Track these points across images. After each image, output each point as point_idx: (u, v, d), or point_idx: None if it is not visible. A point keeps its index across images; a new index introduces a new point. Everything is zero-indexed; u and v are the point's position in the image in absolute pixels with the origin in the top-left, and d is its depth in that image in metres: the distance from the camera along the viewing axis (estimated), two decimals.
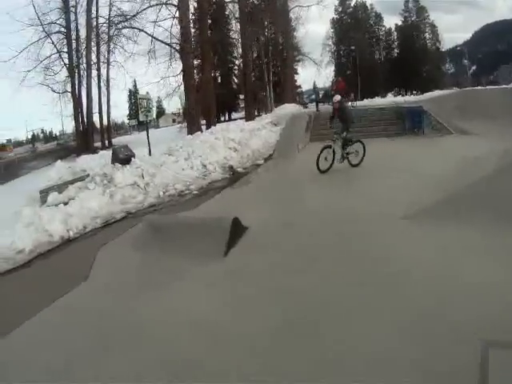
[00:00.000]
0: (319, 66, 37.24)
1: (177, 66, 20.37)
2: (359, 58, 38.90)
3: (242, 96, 30.90)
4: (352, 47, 42.11)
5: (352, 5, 45.61)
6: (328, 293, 3.27)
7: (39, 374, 2.73)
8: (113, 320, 3.31)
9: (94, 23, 25.47)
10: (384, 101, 21.75)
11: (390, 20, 67.14)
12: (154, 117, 36.50)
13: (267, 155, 11.51)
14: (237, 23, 24.53)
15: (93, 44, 25.70)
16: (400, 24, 45.82)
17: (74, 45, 25.73)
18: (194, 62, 20.85)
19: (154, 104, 28.40)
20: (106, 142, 27.34)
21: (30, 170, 23.27)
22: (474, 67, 48.00)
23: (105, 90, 27.16)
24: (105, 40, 25.89)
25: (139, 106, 10.67)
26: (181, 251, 4.55)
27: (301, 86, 40.01)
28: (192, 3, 20.67)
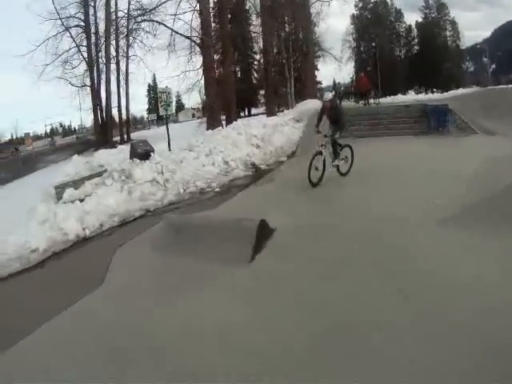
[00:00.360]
0: (340, 62, 36.56)
1: (197, 59, 19.98)
2: (379, 54, 37.99)
3: (262, 91, 30.55)
4: (372, 43, 41.47)
5: (372, 0, 44.97)
6: (363, 300, 3.09)
7: None
8: (129, 329, 3.09)
9: (113, 17, 25.39)
10: (406, 98, 21.02)
11: (411, 16, 65.96)
12: (174, 111, 36.53)
13: (290, 152, 11.12)
14: (258, 18, 24.06)
15: (112, 38, 25.68)
16: (420, 21, 45.08)
17: (92, 39, 25.81)
18: (215, 56, 20.46)
19: (174, 98, 28.15)
20: (125, 137, 27.37)
21: (48, 163, 23.44)
22: (493, 65, 46.33)
23: (124, 84, 27.21)
24: (124, 34, 25.86)
25: (159, 100, 10.33)
26: (203, 254, 4.24)
27: (321, 82, 39.27)
28: None
